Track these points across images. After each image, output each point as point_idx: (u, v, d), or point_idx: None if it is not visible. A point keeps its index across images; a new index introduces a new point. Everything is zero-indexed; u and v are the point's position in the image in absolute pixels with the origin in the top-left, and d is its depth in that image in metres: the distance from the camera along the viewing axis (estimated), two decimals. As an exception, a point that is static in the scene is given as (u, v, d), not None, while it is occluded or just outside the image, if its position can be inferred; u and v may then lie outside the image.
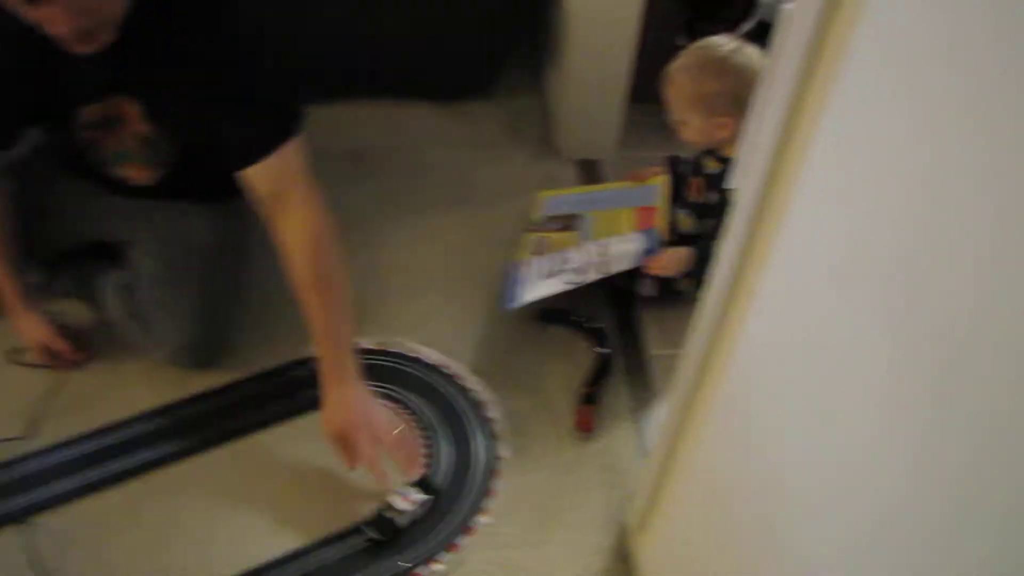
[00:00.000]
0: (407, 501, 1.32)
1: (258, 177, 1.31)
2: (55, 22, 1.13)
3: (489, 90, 2.19)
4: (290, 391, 1.51)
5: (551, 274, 1.58)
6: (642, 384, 1.55)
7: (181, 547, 1.31)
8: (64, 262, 1.62)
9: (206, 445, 1.44)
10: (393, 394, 1.50)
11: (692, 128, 1.54)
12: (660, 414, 1.46)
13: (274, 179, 1.31)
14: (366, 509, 1.35)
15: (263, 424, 1.47)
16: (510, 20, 2.05)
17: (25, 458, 1.42)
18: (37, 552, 1.30)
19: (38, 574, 1.28)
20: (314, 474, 1.41)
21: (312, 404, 1.46)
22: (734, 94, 1.46)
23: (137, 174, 1.46)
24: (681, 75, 1.51)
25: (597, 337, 1.58)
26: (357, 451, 1.28)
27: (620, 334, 1.63)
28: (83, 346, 1.56)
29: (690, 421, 1.01)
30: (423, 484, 1.34)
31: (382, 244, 1.80)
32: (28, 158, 1.49)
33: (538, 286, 1.55)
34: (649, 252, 1.55)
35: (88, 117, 1.37)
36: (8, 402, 1.51)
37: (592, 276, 1.54)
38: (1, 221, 1.45)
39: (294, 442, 1.45)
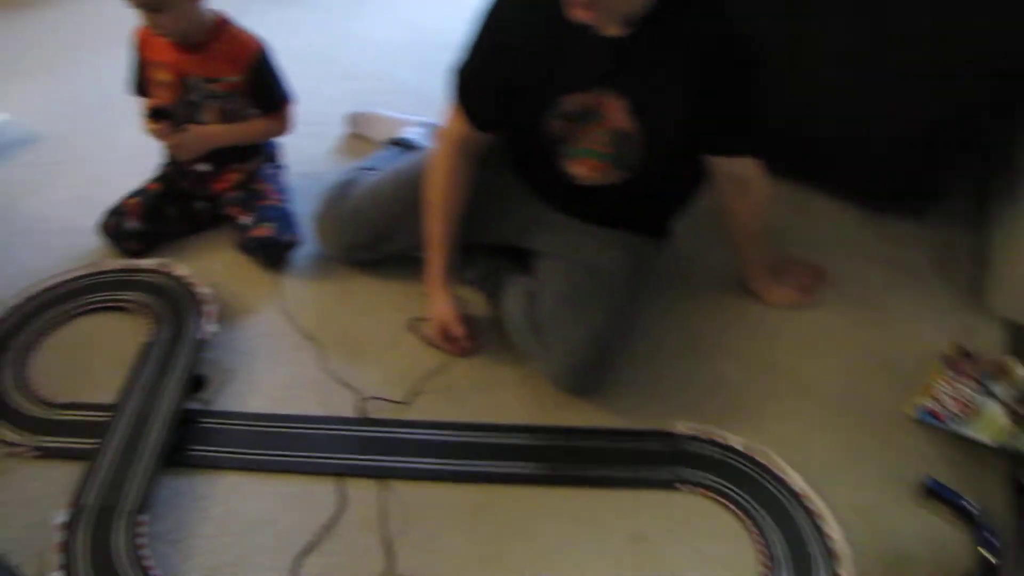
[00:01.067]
0: None
1: (735, 164, 1.53)
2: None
3: (921, 210, 2.01)
4: (644, 461, 1.50)
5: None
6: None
7: (505, 566, 1.35)
8: (478, 254, 1.74)
9: (551, 480, 1.47)
10: (745, 504, 1.43)
11: None
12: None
13: (741, 166, 1.54)
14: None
15: (608, 483, 1.47)
16: (957, 134, 1.84)
17: (398, 424, 1.54)
18: (386, 512, 1.40)
19: (382, 532, 1.38)
20: (641, 553, 1.38)
21: (660, 484, 1.45)
22: None
23: (591, 173, 1.51)
24: None
25: (984, 537, 1.39)
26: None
27: (1018, 547, 1.42)
28: (473, 337, 1.65)
29: None
30: None
31: (779, 338, 1.74)
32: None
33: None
34: None
35: (569, 107, 1.43)
36: (397, 368, 1.64)
37: None
38: (459, 202, 1.59)
39: (634, 512, 1.43)
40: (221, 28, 1.73)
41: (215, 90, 1.74)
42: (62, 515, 1.34)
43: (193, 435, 1.50)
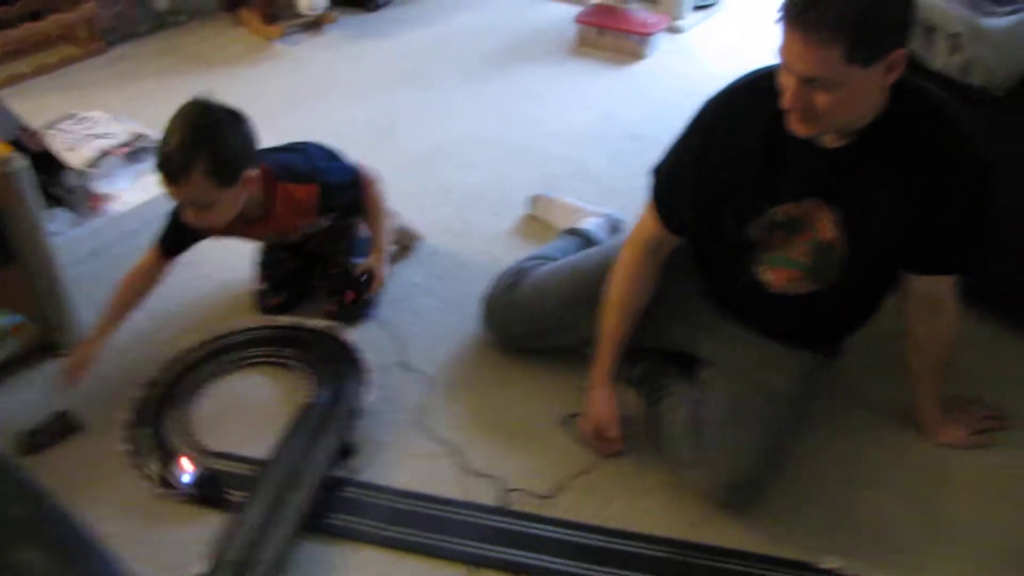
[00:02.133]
0: None
1: (931, 283, 1.45)
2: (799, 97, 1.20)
3: None
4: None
5: None
6: None
7: None
8: (642, 356, 1.69)
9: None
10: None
11: None
12: None
13: (942, 286, 1.46)
14: None
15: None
16: None
17: (537, 519, 1.50)
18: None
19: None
20: None
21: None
22: None
23: (784, 283, 1.46)
24: None
25: None
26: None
27: None
28: (622, 440, 1.59)
29: None
30: None
31: (947, 480, 1.60)
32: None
33: None
34: None
35: (779, 216, 1.40)
36: (544, 461, 1.61)
37: None
38: (640, 302, 1.58)
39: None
40: (275, 193, 1.69)
41: (297, 237, 1.82)
42: (202, 566, 1.37)
43: (335, 503, 1.51)
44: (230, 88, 2.70)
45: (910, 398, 1.65)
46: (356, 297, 1.86)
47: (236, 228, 1.71)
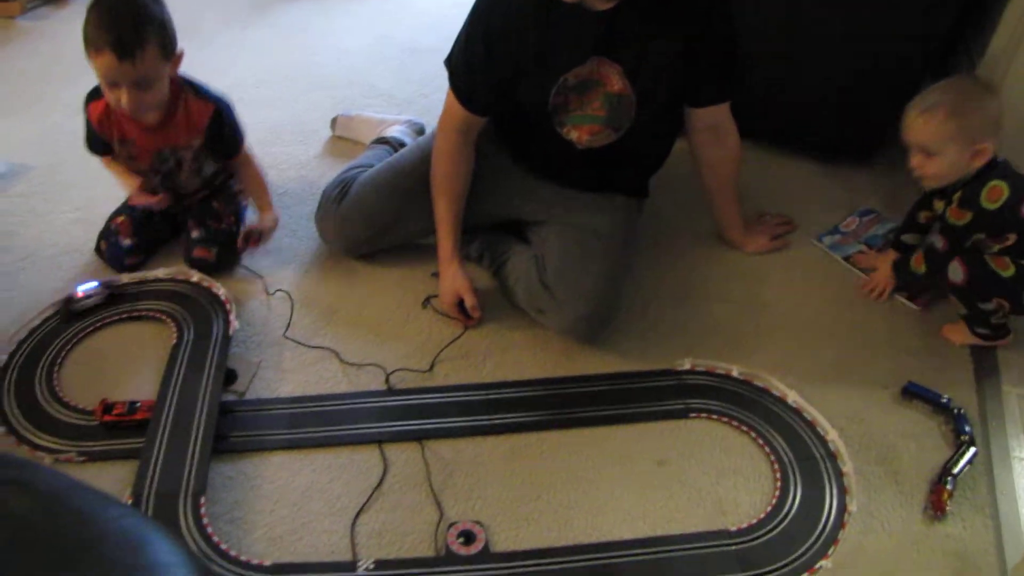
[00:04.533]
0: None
1: (710, 113, 1.68)
2: None
3: (872, 158, 2.22)
4: (657, 397, 1.65)
5: None
6: (1006, 482, 1.52)
7: (544, 504, 1.48)
8: (477, 234, 1.87)
9: (575, 423, 1.60)
10: (751, 422, 1.59)
11: (942, 162, 1.60)
12: None
13: (719, 115, 1.70)
14: (707, 521, 1.45)
15: (627, 419, 1.61)
16: (891, 90, 2.06)
17: (424, 391, 1.66)
18: (427, 469, 1.52)
19: (428, 487, 1.50)
20: (667, 475, 1.52)
21: (674, 414, 1.60)
22: (994, 119, 1.56)
23: (588, 136, 1.65)
24: (939, 109, 1.57)
25: (960, 425, 1.58)
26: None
27: (983, 423, 1.61)
28: (480, 308, 1.77)
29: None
30: None
31: (763, 279, 1.92)
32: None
33: None
34: None
35: (571, 80, 1.58)
36: (414, 342, 1.76)
37: None
38: (464, 182, 1.73)
39: (655, 441, 1.58)
40: (178, 98, 1.78)
41: (184, 156, 1.84)
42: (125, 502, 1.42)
43: (233, 424, 1.59)
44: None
45: (715, 224, 1.97)
46: (241, 250, 1.91)
47: (136, 133, 1.78)
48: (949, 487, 1.47)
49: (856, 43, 1.98)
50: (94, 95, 1.78)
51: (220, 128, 1.83)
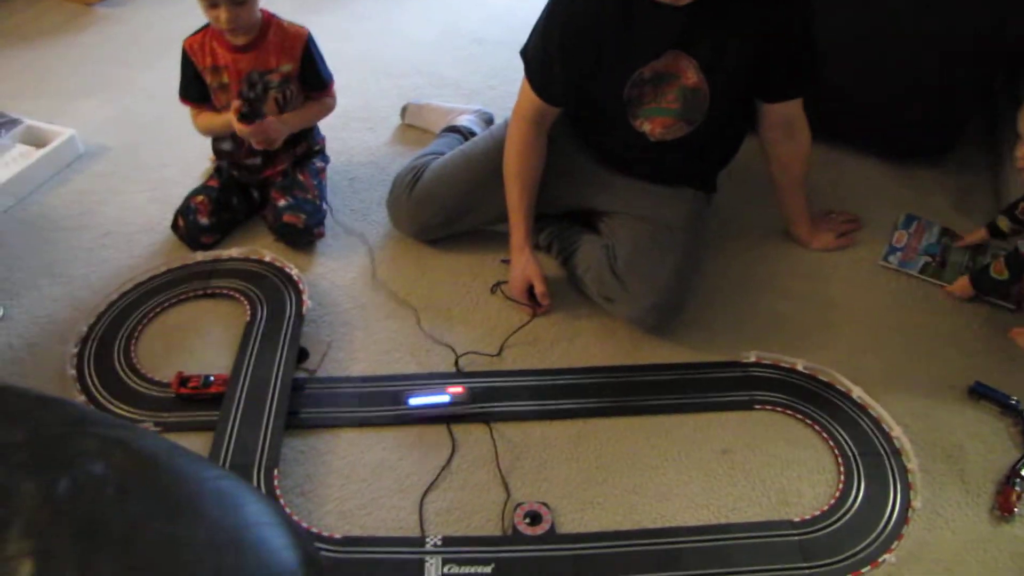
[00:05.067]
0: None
1: (783, 108, 1.69)
2: None
3: (940, 160, 2.21)
4: (722, 387, 1.66)
5: None
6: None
7: (609, 488, 1.50)
8: (547, 223, 1.90)
9: (641, 410, 1.63)
10: (815, 415, 1.60)
11: None
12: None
13: (793, 111, 1.70)
14: (770, 511, 1.46)
15: (692, 408, 1.63)
16: (968, 92, 2.05)
17: (493, 374, 1.69)
18: (495, 450, 1.56)
19: (496, 467, 1.53)
20: (731, 464, 1.55)
21: (740, 405, 1.62)
22: None
23: (661, 129, 1.67)
24: None
25: (1027, 424, 1.58)
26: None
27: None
28: (549, 295, 1.79)
29: None
30: None
31: (828, 276, 1.93)
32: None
33: None
34: None
35: (646, 74, 1.60)
36: (484, 327, 1.79)
37: None
38: (536, 171, 1.76)
39: (720, 431, 1.60)
40: (270, 22, 1.86)
41: (272, 80, 1.88)
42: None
43: (304, 401, 1.64)
44: (59, 60, 2.66)
45: (782, 220, 1.97)
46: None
47: (228, 58, 1.84)
48: (1018, 488, 1.47)
49: (934, 44, 1.97)
50: (189, 38, 1.87)
51: (312, 56, 1.90)
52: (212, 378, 1.64)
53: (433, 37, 2.86)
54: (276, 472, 1.48)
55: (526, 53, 1.70)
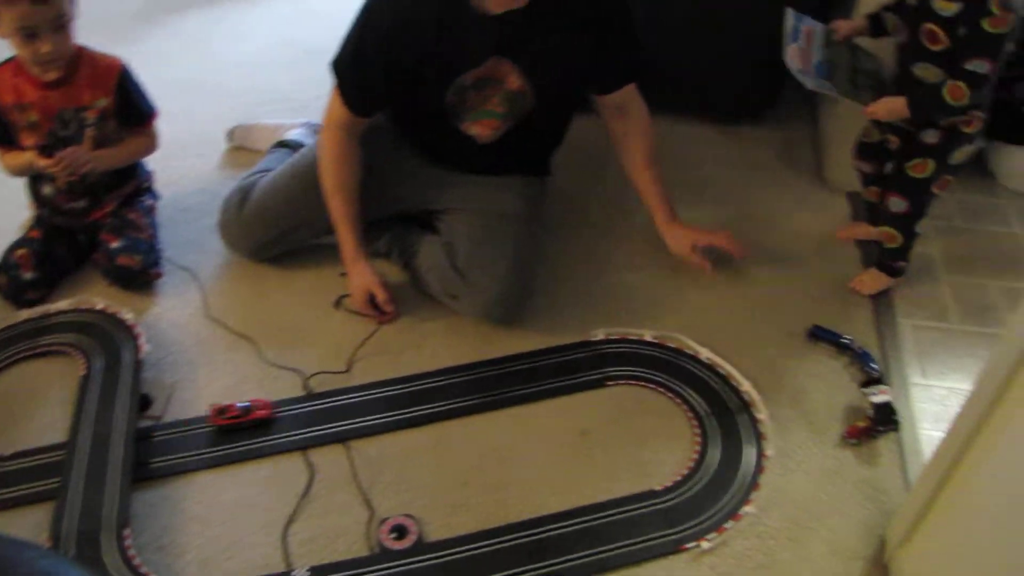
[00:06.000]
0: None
1: (618, 95, 1.70)
2: None
3: (762, 116, 2.29)
4: (574, 369, 1.67)
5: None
6: (905, 406, 1.59)
7: (473, 488, 1.49)
8: (383, 228, 1.87)
9: (497, 405, 1.62)
10: (666, 383, 1.63)
11: None
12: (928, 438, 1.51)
13: (626, 95, 1.72)
14: (633, 484, 1.48)
15: (547, 395, 1.64)
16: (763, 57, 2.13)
17: (345, 391, 1.65)
18: (354, 469, 1.52)
19: (356, 486, 1.49)
20: (590, 444, 1.56)
21: (592, 384, 1.63)
22: None
23: (488, 131, 1.68)
24: None
25: (862, 358, 1.64)
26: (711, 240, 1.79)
27: (884, 358, 1.68)
28: (395, 301, 1.77)
29: (969, 451, 1.08)
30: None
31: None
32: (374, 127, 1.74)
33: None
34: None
35: (468, 80, 1.59)
36: (330, 343, 1.75)
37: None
38: (354, 180, 1.72)
39: (576, 413, 1.61)
40: (80, 55, 1.77)
41: (87, 118, 1.78)
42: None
43: (153, 449, 1.56)
44: None
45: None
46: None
47: (36, 94, 1.74)
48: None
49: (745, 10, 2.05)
50: None
51: (128, 89, 1.82)
52: (250, 404, 1.58)
53: (263, 51, 2.78)
54: (128, 532, 1.41)
55: (337, 64, 1.66)
